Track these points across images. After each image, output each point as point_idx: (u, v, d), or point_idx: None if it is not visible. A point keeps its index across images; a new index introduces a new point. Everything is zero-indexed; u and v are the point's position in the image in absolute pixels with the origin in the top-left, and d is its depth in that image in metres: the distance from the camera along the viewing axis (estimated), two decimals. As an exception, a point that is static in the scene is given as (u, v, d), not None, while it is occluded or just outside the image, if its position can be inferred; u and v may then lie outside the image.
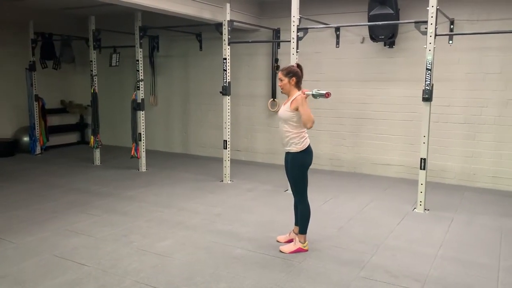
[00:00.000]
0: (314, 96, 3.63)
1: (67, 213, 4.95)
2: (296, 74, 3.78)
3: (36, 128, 8.34)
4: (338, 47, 6.63)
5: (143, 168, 7.19)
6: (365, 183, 6.51)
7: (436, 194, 5.75)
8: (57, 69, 8.80)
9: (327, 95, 3.55)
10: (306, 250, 3.90)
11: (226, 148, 6.43)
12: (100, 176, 6.77)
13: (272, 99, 7.68)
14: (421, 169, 5.15)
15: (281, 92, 3.90)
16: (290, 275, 3.46)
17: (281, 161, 7.59)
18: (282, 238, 4.13)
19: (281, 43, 7.46)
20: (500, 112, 6.09)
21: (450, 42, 6.07)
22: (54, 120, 9.19)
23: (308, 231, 3.94)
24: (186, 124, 8.81)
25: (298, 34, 5.67)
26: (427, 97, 4.97)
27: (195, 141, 8.75)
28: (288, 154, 3.87)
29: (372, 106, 6.89)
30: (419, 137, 6.54)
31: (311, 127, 3.68)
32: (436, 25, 4.88)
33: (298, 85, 3.81)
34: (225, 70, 6.25)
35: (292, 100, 3.73)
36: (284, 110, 3.79)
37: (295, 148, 3.78)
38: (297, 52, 5.69)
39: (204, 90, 8.44)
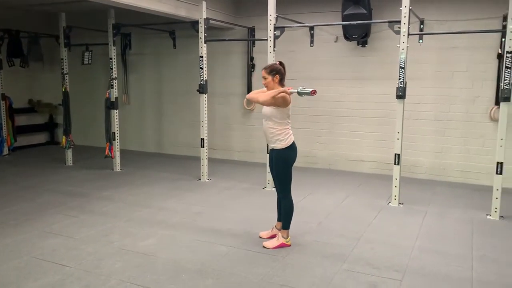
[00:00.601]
0: (299, 94, 3.70)
1: (43, 214, 4.84)
2: (279, 72, 3.84)
3: (3, 128, 8.07)
4: (313, 46, 6.76)
5: (117, 168, 7.09)
6: (340, 179, 6.65)
7: (409, 188, 5.94)
8: (24, 67, 8.53)
9: (313, 92, 3.62)
10: (289, 245, 3.96)
11: (203, 147, 6.42)
12: (74, 177, 6.63)
13: (247, 97, 7.71)
14: (395, 164, 5.31)
15: (266, 89, 3.95)
16: (275, 270, 3.51)
17: (258, 159, 7.80)
18: (265, 234, 4.18)
19: (256, 42, 7.51)
20: (467, 108, 6.35)
21: (420, 41, 6.28)
22: (21, 120, 8.92)
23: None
24: (160, 123, 8.73)
25: (275, 32, 5.73)
26: (401, 94, 5.12)
27: (169, 140, 8.69)
28: (272, 150, 3.93)
29: (346, 104, 7.04)
30: (391, 134, 6.74)
31: (260, 101, 3.75)
32: (409, 25, 5.04)
33: (281, 83, 3.88)
34: (202, 68, 6.24)
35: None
36: (268, 107, 3.84)
37: (279, 144, 3.84)
38: (274, 50, 5.75)
39: (178, 88, 8.39)
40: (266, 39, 5.85)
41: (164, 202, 5.35)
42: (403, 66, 5.10)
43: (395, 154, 5.29)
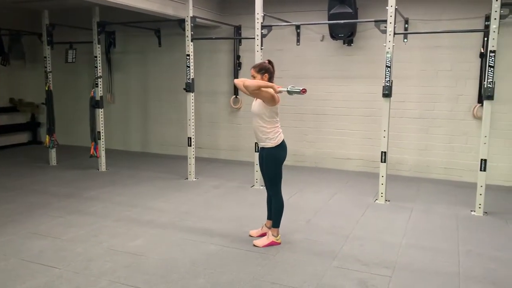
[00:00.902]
0: (289, 92, 3.71)
1: (28, 215, 4.76)
2: (268, 70, 3.85)
3: (-15, 128, 7.91)
4: (299, 44, 6.80)
5: (103, 167, 7.01)
6: (327, 177, 6.70)
7: (394, 186, 6.01)
8: (5, 65, 8.37)
9: (303, 91, 3.64)
10: (279, 243, 3.98)
11: (190, 146, 6.40)
12: (58, 177, 6.53)
13: (234, 96, 7.71)
14: (382, 162, 5.37)
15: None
16: (267, 268, 3.53)
17: (245, 157, 7.80)
18: (255, 232, 4.19)
19: (242, 40, 7.51)
20: (451, 107, 6.46)
21: (405, 40, 6.36)
22: (3, 120, 8.76)
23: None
24: (145, 122, 8.66)
25: (262, 31, 5.74)
26: (387, 93, 5.18)
27: (155, 139, 8.63)
28: (263, 149, 3.94)
29: (333, 103, 7.09)
30: (377, 132, 6.82)
31: (238, 83, 3.81)
32: (395, 24, 5.10)
33: (270, 81, 3.89)
34: (189, 67, 6.21)
35: (264, 91, 3.79)
36: (257, 105, 3.85)
37: (270, 143, 3.85)
38: (261, 49, 5.76)
39: (164, 87, 8.33)
40: (254, 38, 5.86)
41: (152, 202, 5.31)
42: (389, 65, 5.15)
43: (382, 152, 5.36)
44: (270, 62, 3.93)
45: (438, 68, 6.46)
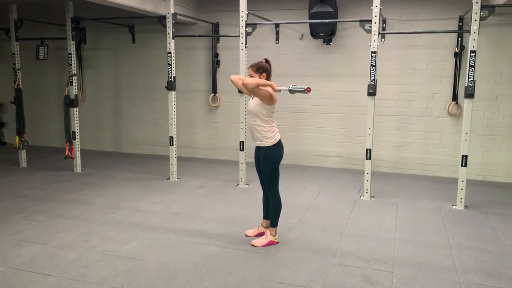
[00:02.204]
0: (291, 91, 3.71)
1: (7, 221, 4.51)
2: (266, 70, 3.83)
3: None
4: (278, 43, 6.80)
5: (78, 168, 6.76)
6: (308, 174, 6.76)
7: (375, 182, 6.10)
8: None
9: (307, 90, 3.64)
10: (277, 242, 3.98)
11: (172, 145, 6.27)
12: (32, 179, 6.23)
13: (213, 94, 7.63)
14: (367, 159, 5.47)
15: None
16: (270, 267, 3.52)
17: (223, 156, 7.75)
18: (251, 232, 4.17)
19: (220, 38, 7.43)
20: (427, 104, 6.67)
21: (383, 40, 6.49)
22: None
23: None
24: (118, 121, 8.42)
25: (247, 29, 5.70)
26: (372, 91, 5.29)
27: (129, 139, 8.40)
28: (260, 148, 3.91)
29: (311, 101, 7.15)
30: (356, 130, 7.00)
31: (246, 83, 3.68)
32: (379, 23, 5.21)
33: (268, 80, 3.86)
34: (170, 65, 6.07)
35: (262, 90, 3.77)
36: (255, 104, 3.82)
37: (267, 142, 3.83)
38: (246, 47, 5.73)
39: (138, 85, 8.13)
40: (237, 36, 5.82)
41: (137, 203, 5.17)
42: (374, 64, 5.26)
43: (367, 149, 5.46)
44: (267, 61, 3.91)
45: (414, 67, 6.65)
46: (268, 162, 3.87)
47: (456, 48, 6.34)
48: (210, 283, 3.24)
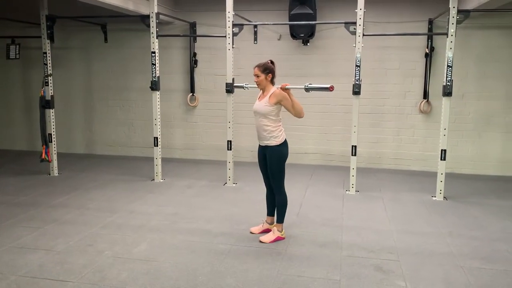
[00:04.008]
0: (307, 90, 3.84)
1: (-2, 228, 4.32)
2: (272, 71, 3.94)
3: None
4: (256, 43, 6.91)
5: (55, 172, 6.53)
6: (289, 171, 6.73)
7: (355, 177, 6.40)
8: None
9: (331, 88, 3.79)
10: (284, 238, 4.10)
11: (157, 146, 6.21)
12: (9, 184, 5.96)
13: (191, 93, 7.61)
14: (352, 155, 5.72)
15: (257, 87, 4.01)
16: (284, 262, 3.63)
17: (201, 156, 7.77)
18: (256, 229, 4.26)
19: (197, 38, 7.43)
20: (399, 102, 7.04)
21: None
22: None
23: (270, 220, 4.19)
24: (90, 122, 8.18)
25: (234, 30, 5.77)
26: (357, 91, 5.53)
27: (102, 140, 8.19)
28: (266, 148, 4.01)
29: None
30: (332, 127, 7.27)
31: (302, 114, 3.96)
32: (363, 26, 5.45)
33: (272, 81, 3.98)
34: (154, 64, 6.03)
35: (271, 95, 3.88)
36: (263, 105, 3.92)
37: (274, 141, 3.94)
38: (233, 47, 5.79)
39: (111, 85, 7.94)
40: (223, 36, 5.88)
41: (130, 205, 5.10)
42: (358, 64, 5.50)
43: (352, 146, 5.71)
44: (272, 62, 4.02)
45: (387, 67, 7.00)
46: (276, 160, 3.98)
47: (427, 49, 6.74)
48: (232, 280, 3.30)
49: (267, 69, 3.92)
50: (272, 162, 3.99)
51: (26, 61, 7.88)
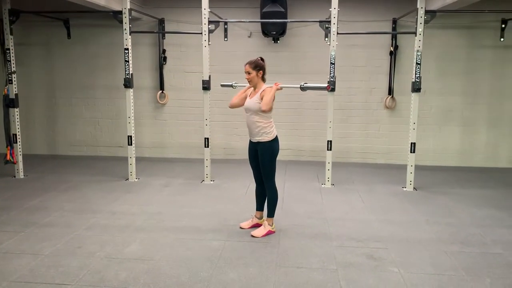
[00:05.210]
0: (303, 89, 3.93)
1: (-27, 234, 4.10)
2: (262, 68, 4.01)
3: None
4: (227, 40, 6.95)
5: (20, 174, 6.24)
6: (263, 168, 7.01)
7: (325, 171, 6.56)
8: None
9: (328, 87, 3.88)
10: (274, 232, 4.19)
11: (131, 144, 6.09)
12: (-28, 188, 5.64)
13: (160, 91, 7.50)
14: (328, 150, 5.91)
15: (249, 84, 4.07)
16: (280, 255, 3.71)
17: (170, 154, 7.70)
18: (246, 224, 4.32)
19: (166, 34, 7.34)
20: (366, 98, 7.33)
21: (326, 39, 6.98)
22: None
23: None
24: (53, 122, 7.86)
25: (209, 26, 5.77)
26: (333, 87, 5.71)
27: (65, 140, 7.89)
28: (257, 144, 4.07)
29: (261, 96, 7.40)
30: (302, 124, 7.45)
31: (266, 110, 3.93)
32: (338, 24, 5.63)
33: (263, 78, 4.05)
34: (127, 61, 5.90)
35: (262, 92, 3.95)
36: (254, 102, 3.98)
37: (266, 137, 4.01)
38: (209, 44, 5.79)
39: (75, 83, 7.67)
40: (199, 33, 5.86)
41: (110, 206, 4.99)
42: (333, 62, 5.68)
43: (328, 141, 5.90)
44: (262, 59, 4.08)
45: (354, 64, 7.26)
46: (267, 156, 4.05)
47: (391, 48, 7.06)
48: (234, 275, 3.34)
49: (258, 66, 3.98)
50: (264, 158, 4.06)
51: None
